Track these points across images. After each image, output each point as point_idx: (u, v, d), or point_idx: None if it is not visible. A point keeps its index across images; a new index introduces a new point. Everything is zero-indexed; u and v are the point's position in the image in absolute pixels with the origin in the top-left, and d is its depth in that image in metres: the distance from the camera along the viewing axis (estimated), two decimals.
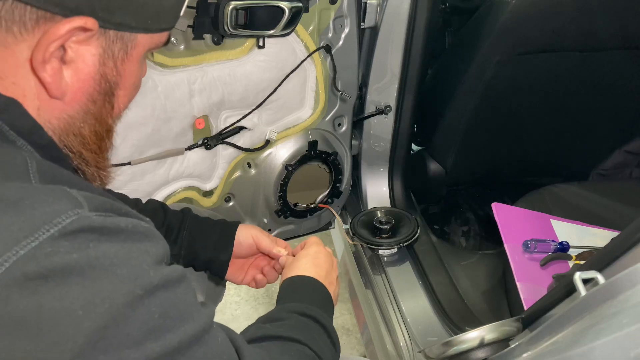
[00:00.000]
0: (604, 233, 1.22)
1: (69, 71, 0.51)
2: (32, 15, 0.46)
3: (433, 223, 1.59)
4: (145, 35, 0.55)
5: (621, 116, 1.51)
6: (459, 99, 1.40)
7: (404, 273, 1.30)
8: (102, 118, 0.56)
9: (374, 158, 1.50)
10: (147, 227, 0.48)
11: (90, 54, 0.51)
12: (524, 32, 1.21)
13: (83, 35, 0.49)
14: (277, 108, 1.20)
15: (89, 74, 0.52)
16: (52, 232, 0.39)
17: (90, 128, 0.56)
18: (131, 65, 0.55)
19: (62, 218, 0.40)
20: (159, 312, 0.44)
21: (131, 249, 0.44)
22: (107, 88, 0.54)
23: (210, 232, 0.92)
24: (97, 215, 0.43)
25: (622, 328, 0.45)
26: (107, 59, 0.52)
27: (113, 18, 0.50)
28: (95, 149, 0.57)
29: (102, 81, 0.53)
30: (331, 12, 1.15)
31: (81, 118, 0.54)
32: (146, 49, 0.56)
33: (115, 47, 0.52)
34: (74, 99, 0.53)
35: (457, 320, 1.12)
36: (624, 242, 0.60)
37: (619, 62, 1.32)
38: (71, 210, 0.41)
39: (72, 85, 0.51)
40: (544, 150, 1.62)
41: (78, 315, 0.39)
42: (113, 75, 0.54)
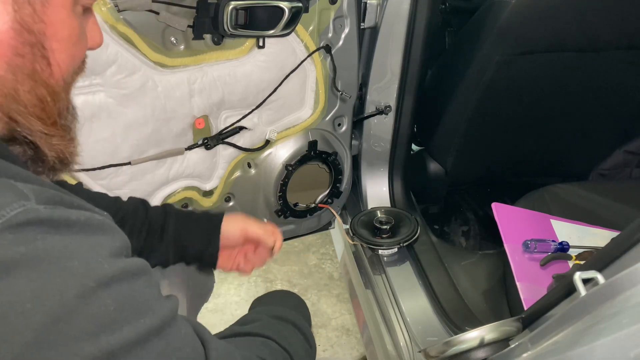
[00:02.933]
0: (604, 233, 1.22)
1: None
2: None
3: (433, 223, 1.59)
4: None
5: (621, 116, 1.51)
6: (459, 99, 1.40)
7: (404, 273, 1.30)
8: (39, 77, 0.51)
9: (374, 158, 1.50)
10: (101, 219, 0.46)
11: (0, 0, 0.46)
12: (524, 32, 1.21)
13: None
14: (277, 108, 1.20)
15: (5, 23, 0.46)
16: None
17: (25, 89, 0.50)
18: (57, 11, 0.49)
19: (7, 211, 0.39)
20: (115, 305, 0.42)
21: (83, 242, 0.42)
22: (32, 39, 0.48)
23: (196, 226, 0.91)
24: (46, 208, 0.41)
25: (622, 328, 0.45)
26: (22, 3, 0.47)
27: None
28: (37, 112, 0.52)
29: (23, 31, 0.48)
30: (331, 12, 1.15)
31: (11, 77, 0.49)
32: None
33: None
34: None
35: (457, 320, 1.12)
36: (624, 242, 0.60)
37: (619, 62, 1.32)
38: (16, 203, 0.39)
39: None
40: (544, 150, 1.62)
41: (26, 309, 0.37)
42: (35, 22, 0.48)
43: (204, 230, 0.91)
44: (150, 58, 0.99)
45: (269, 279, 2.09)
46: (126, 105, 1.00)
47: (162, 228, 0.89)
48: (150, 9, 0.95)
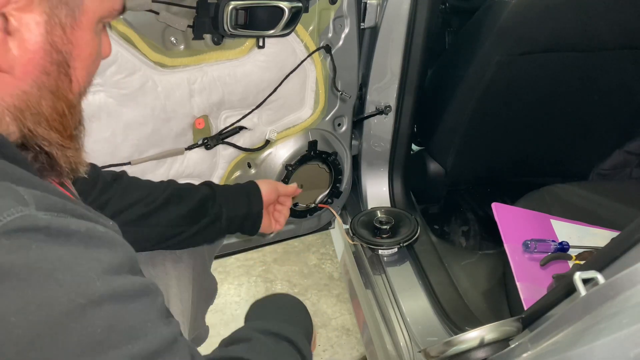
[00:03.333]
0: (604, 233, 1.22)
1: (15, 42, 0.48)
2: None
3: (433, 223, 1.59)
4: (94, 0, 0.51)
5: (621, 116, 1.51)
6: (459, 99, 1.40)
7: (404, 273, 1.30)
8: (61, 93, 0.53)
9: (374, 158, 1.50)
10: (104, 231, 0.44)
11: (35, 22, 0.48)
12: (524, 32, 1.21)
13: (22, 0, 0.46)
14: (277, 108, 1.20)
15: (37, 43, 0.49)
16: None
17: (48, 104, 0.52)
18: (83, 33, 0.52)
19: (4, 216, 0.38)
20: (104, 326, 0.40)
21: (79, 255, 0.41)
22: (60, 59, 0.51)
23: (238, 193, 1.00)
24: (45, 215, 0.40)
25: (622, 328, 0.45)
26: (54, 26, 0.49)
27: None
28: (56, 126, 0.54)
29: (53, 51, 0.50)
30: (331, 12, 1.15)
31: (37, 93, 0.51)
32: (97, 15, 0.53)
33: (61, 13, 0.49)
34: (25, 72, 0.50)
35: (457, 320, 1.12)
36: (624, 242, 0.60)
37: (619, 62, 1.32)
38: (14, 208, 0.38)
39: (20, 58, 0.49)
40: (544, 150, 1.62)
41: (10, 321, 0.36)
42: (64, 44, 0.51)
43: (245, 193, 1.00)
44: (150, 58, 0.99)
45: (269, 279, 2.09)
46: (126, 105, 1.00)
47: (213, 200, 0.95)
48: (150, 9, 0.95)
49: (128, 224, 0.85)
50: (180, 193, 0.94)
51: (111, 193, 0.87)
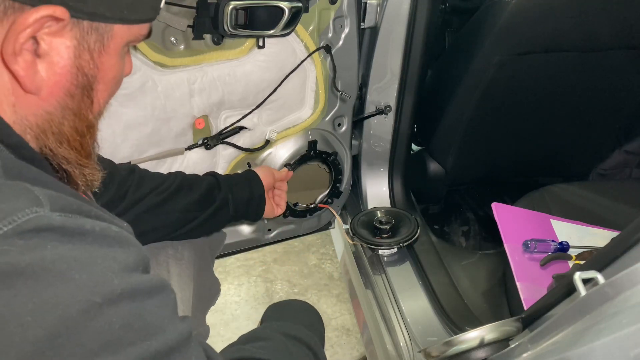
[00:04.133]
0: (604, 233, 1.22)
1: (44, 64, 0.49)
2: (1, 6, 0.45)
3: (433, 223, 1.59)
4: (123, 27, 0.52)
5: (621, 116, 1.51)
6: (459, 99, 1.40)
7: (404, 273, 1.30)
8: (82, 113, 0.54)
9: (374, 158, 1.50)
10: (117, 231, 0.44)
11: (65, 46, 0.49)
12: (524, 32, 1.21)
13: (55, 25, 0.47)
14: (277, 108, 1.20)
15: (65, 67, 0.50)
16: (5, 230, 0.37)
17: (69, 124, 0.53)
18: (110, 58, 0.53)
19: (18, 216, 0.38)
20: (120, 324, 0.40)
21: (94, 254, 0.41)
22: (85, 82, 0.52)
23: (239, 179, 1.06)
24: (60, 215, 0.40)
25: (622, 328, 0.45)
26: (83, 51, 0.50)
27: (85, 7, 0.48)
28: (76, 145, 0.55)
29: (79, 75, 0.51)
30: (331, 12, 1.15)
31: (60, 114, 0.52)
32: (125, 41, 0.54)
33: (90, 38, 0.50)
34: (50, 93, 0.51)
35: (457, 320, 1.12)
36: (624, 242, 0.60)
37: (619, 62, 1.32)
38: (29, 209, 0.39)
39: (47, 80, 0.49)
40: (544, 150, 1.62)
41: (26, 321, 0.36)
42: (90, 68, 0.52)
43: (245, 179, 1.05)
44: (150, 58, 0.99)
45: (269, 279, 2.09)
46: (126, 105, 1.00)
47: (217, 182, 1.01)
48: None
49: (146, 212, 0.90)
50: (189, 182, 0.98)
51: (128, 185, 0.90)
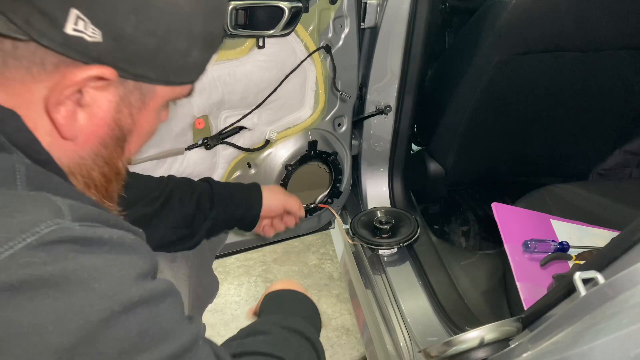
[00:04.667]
0: (604, 233, 1.22)
1: (84, 114, 0.50)
2: (53, 59, 0.46)
3: (433, 223, 1.59)
4: (166, 87, 0.54)
5: (621, 116, 1.51)
6: (459, 99, 1.40)
7: (404, 273, 1.30)
8: (113, 162, 0.56)
9: (374, 158, 1.50)
10: (134, 239, 0.46)
11: (107, 100, 0.51)
12: (524, 32, 1.21)
13: (101, 82, 0.49)
14: (277, 108, 1.20)
15: (104, 119, 0.52)
16: (28, 241, 0.38)
17: (99, 170, 0.55)
18: (147, 114, 0.55)
19: (41, 227, 0.39)
20: (138, 330, 0.42)
21: (113, 262, 0.42)
22: (120, 134, 0.54)
23: (240, 193, 1.01)
24: (80, 226, 0.41)
25: (622, 328, 0.45)
26: (123, 107, 0.52)
27: (133, 69, 0.50)
28: (102, 190, 0.56)
29: (115, 128, 0.53)
30: (331, 12, 1.15)
31: (91, 160, 0.54)
32: (166, 99, 0.56)
33: (133, 96, 0.52)
34: (86, 141, 0.52)
35: (457, 320, 1.12)
36: (624, 242, 0.60)
37: (619, 62, 1.32)
38: (51, 220, 0.40)
39: (85, 129, 0.51)
40: (544, 150, 1.62)
41: (48, 331, 0.37)
42: (127, 123, 0.54)
43: (248, 195, 1.01)
44: None
45: (268, 279, 2.09)
46: None
47: (211, 196, 0.96)
48: None
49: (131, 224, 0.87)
50: (180, 194, 0.94)
51: None
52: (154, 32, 0.49)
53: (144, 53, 0.49)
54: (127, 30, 0.47)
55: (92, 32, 0.46)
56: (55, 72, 0.47)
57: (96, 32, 0.46)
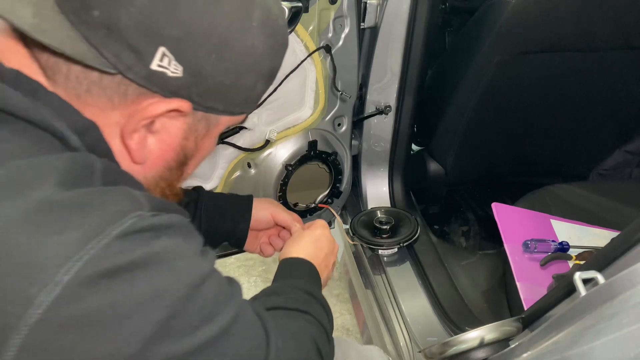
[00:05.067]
0: (604, 233, 1.22)
1: (154, 140, 0.54)
2: (135, 91, 0.50)
3: (433, 223, 1.59)
4: (229, 117, 0.58)
5: (621, 116, 1.51)
6: (459, 99, 1.40)
7: (404, 273, 1.30)
8: (173, 183, 0.61)
9: (374, 158, 1.50)
10: (187, 222, 0.51)
11: (176, 128, 0.55)
12: (524, 32, 1.21)
13: (175, 113, 0.53)
14: (277, 108, 1.20)
15: (171, 145, 0.56)
16: (117, 232, 0.41)
17: (159, 191, 0.60)
18: (209, 140, 0.59)
19: (127, 219, 0.43)
20: (211, 298, 0.47)
21: (182, 243, 0.47)
22: (183, 159, 0.58)
23: (228, 205, 0.95)
24: (154, 215, 0.46)
25: (622, 328, 0.45)
26: (190, 134, 0.56)
27: (205, 102, 0.53)
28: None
29: (181, 153, 0.57)
30: (331, 12, 1.15)
31: (154, 181, 0.58)
32: (226, 127, 0.61)
33: (200, 125, 0.56)
34: (153, 165, 0.56)
35: (457, 320, 1.12)
36: (624, 242, 0.60)
37: (619, 62, 1.32)
38: (133, 212, 0.44)
39: (153, 153, 0.55)
40: (543, 150, 1.62)
41: (146, 308, 0.41)
42: (191, 149, 0.58)
43: (236, 210, 0.95)
44: None
45: (269, 279, 2.09)
46: None
47: (195, 206, 0.91)
48: None
49: None
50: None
51: None
52: (230, 70, 0.52)
53: (218, 88, 0.53)
54: (207, 67, 0.51)
55: (174, 68, 0.49)
56: (134, 103, 0.51)
57: (178, 68, 0.49)
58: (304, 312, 0.67)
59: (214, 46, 0.50)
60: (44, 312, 0.37)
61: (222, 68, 0.52)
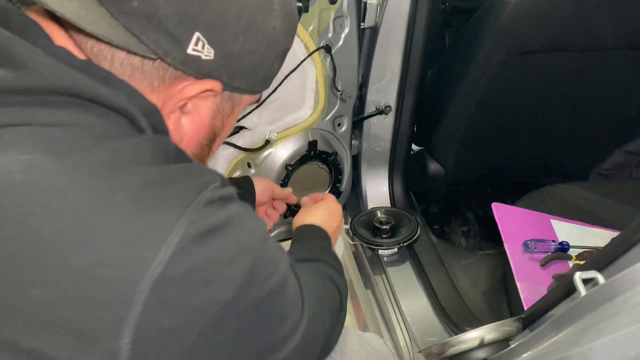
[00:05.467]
0: (604, 233, 1.22)
1: (187, 120, 0.59)
2: (172, 75, 0.54)
3: (433, 223, 1.59)
4: (250, 96, 0.64)
5: (621, 116, 1.51)
6: (459, 99, 1.40)
7: (404, 273, 1.30)
8: (203, 160, 0.66)
9: (374, 158, 1.50)
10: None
11: (206, 108, 0.60)
12: (524, 32, 1.21)
13: (206, 94, 0.58)
14: (277, 108, 1.20)
15: (202, 124, 0.61)
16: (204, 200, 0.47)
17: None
18: (232, 118, 0.65)
19: (208, 190, 0.49)
20: (274, 249, 0.55)
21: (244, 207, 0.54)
22: (212, 137, 0.64)
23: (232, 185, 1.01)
24: (222, 186, 0.52)
25: (622, 328, 0.45)
26: (218, 113, 0.61)
27: (232, 82, 0.58)
28: None
29: (210, 131, 0.63)
30: (331, 12, 1.15)
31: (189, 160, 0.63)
32: (245, 105, 0.66)
33: (226, 104, 0.62)
34: (188, 144, 0.61)
35: (457, 320, 1.12)
36: (624, 242, 0.60)
37: (619, 62, 1.32)
38: (212, 184, 0.50)
39: (187, 133, 0.60)
40: (544, 150, 1.62)
41: (236, 259, 0.48)
42: (219, 127, 0.63)
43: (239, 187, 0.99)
44: None
45: None
46: None
47: None
48: None
49: None
50: None
51: None
52: (255, 51, 0.57)
53: (244, 69, 0.58)
54: (235, 50, 0.55)
55: (207, 52, 0.54)
56: (171, 86, 0.55)
57: (210, 52, 0.54)
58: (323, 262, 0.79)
59: (242, 29, 0.55)
60: (163, 269, 0.42)
61: (248, 49, 0.56)
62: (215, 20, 0.52)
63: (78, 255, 0.41)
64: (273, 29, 0.58)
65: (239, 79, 0.58)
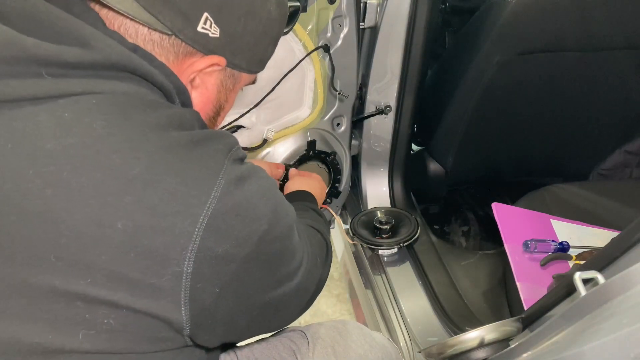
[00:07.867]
0: (604, 233, 1.21)
1: (196, 94, 0.67)
2: (184, 50, 0.62)
3: (433, 223, 1.59)
4: (247, 75, 0.71)
5: (621, 116, 1.51)
6: (459, 99, 1.40)
7: (404, 273, 1.30)
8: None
9: (374, 158, 1.50)
10: None
11: (212, 83, 0.67)
12: (524, 32, 1.21)
13: (211, 69, 0.65)
14: (275, 107, 1.19)
15: (209, 98, 0.69)
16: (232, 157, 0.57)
17: None
18: (233, 94, 0.73)
19: (234, 149, 0.58)
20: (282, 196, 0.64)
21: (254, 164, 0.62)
22: (218, 110, 0.72)
23: None
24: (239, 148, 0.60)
25: (622, 328, 0.45)
26: (222, 88, 0.69)
27: (233, 60, 0.66)
28: None
29: (217, 104, 0.71)
30: (330, 11, 1.15)
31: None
32: (244, 84, 0.74)
33: (229, 80, 0.69)
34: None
35: (457, 320, 1.12)
36: (624, 242, 0.60)
37: (619, 62, 1.32)
38: (235, 145, 0.59)
39: (197, 105, 0.67)
40: (544, 150, 1.62)
41: (264, 198, 0.57)
42: (223, 101, 0.71)
43: None
44: None
45: None
46: None
47: None
48: None
49: None
50: None
51: None
52: (254, 32, 0.65)
53: (245, 47, 0.66)
54: (238, 29, 0.63)
55: (214, 30, 0.61)
56: (183, 61, 0.62)
57: (217, 30, 0.61)
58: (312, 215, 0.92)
59: (244, 12, 0.63)
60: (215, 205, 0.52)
61: (248, 30, 0.64)
62: (222, 2, 0.60)
63: (154, 193, 0.50)
64: (269, 12, 0.66)
65: (239, 57, 0.66)
